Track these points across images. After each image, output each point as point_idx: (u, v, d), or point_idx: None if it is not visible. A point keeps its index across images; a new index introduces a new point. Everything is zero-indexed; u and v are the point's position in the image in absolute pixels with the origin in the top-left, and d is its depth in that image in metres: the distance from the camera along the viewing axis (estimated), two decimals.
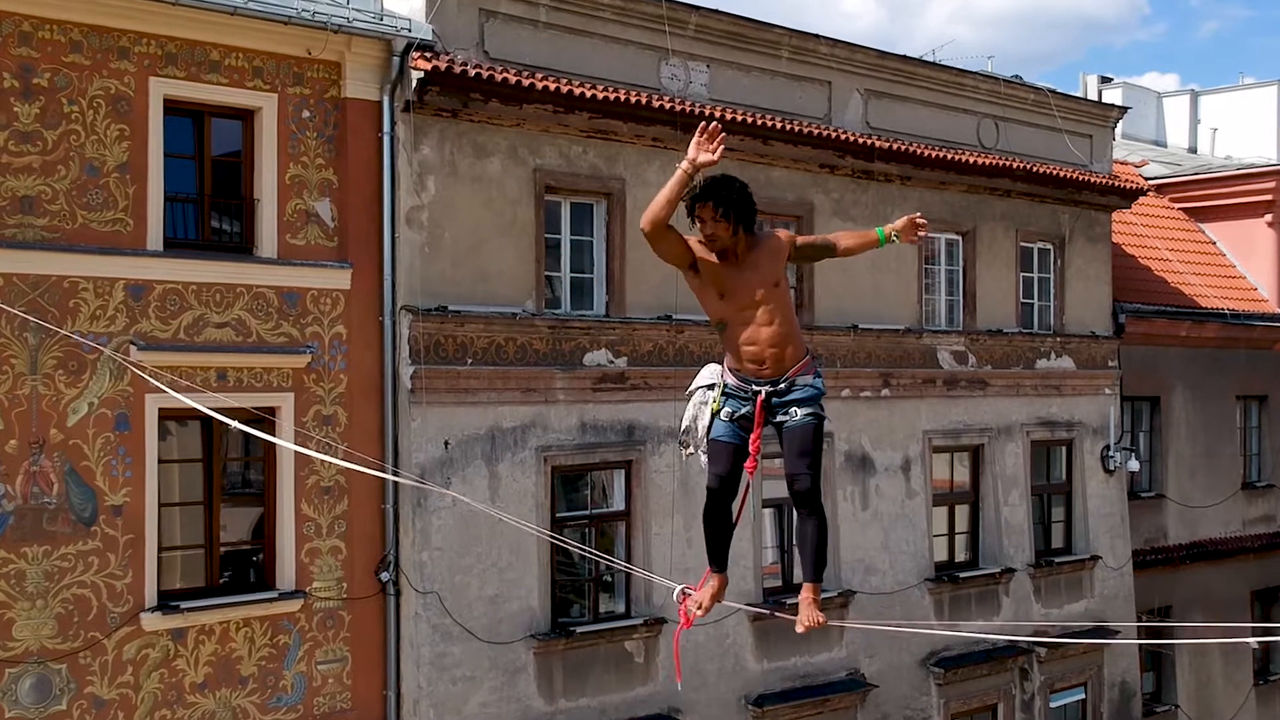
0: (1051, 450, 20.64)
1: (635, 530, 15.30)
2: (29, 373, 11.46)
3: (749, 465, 6.05)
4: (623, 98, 14.63)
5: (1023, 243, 19.98)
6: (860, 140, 17.15)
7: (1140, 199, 22.30)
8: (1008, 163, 19.05)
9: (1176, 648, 22.41)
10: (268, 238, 12.83)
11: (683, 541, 15.16)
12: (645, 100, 14.84)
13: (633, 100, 14.71)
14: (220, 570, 12.79)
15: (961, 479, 19.40)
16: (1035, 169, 19.38)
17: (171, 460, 12.52)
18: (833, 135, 16.84)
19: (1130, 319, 21.62)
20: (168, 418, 12.33)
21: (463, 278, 13.91)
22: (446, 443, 13.75)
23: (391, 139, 13.38)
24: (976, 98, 19.10)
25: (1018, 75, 20.40)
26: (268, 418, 12.14)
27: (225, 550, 12.86)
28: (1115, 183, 20.94)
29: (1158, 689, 22.72)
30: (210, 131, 12.72)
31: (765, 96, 16.44)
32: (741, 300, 5.89)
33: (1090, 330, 21.00)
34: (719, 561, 6.29)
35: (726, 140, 5.66)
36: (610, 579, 15.42)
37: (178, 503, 12.57)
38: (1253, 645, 22.02)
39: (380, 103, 13.32)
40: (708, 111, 15.29)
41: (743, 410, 6.03)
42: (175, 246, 12.35)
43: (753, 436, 6.02)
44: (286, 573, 12.89)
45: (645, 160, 15.25)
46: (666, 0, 15.16)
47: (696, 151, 5.57)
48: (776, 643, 16.34)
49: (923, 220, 6.06)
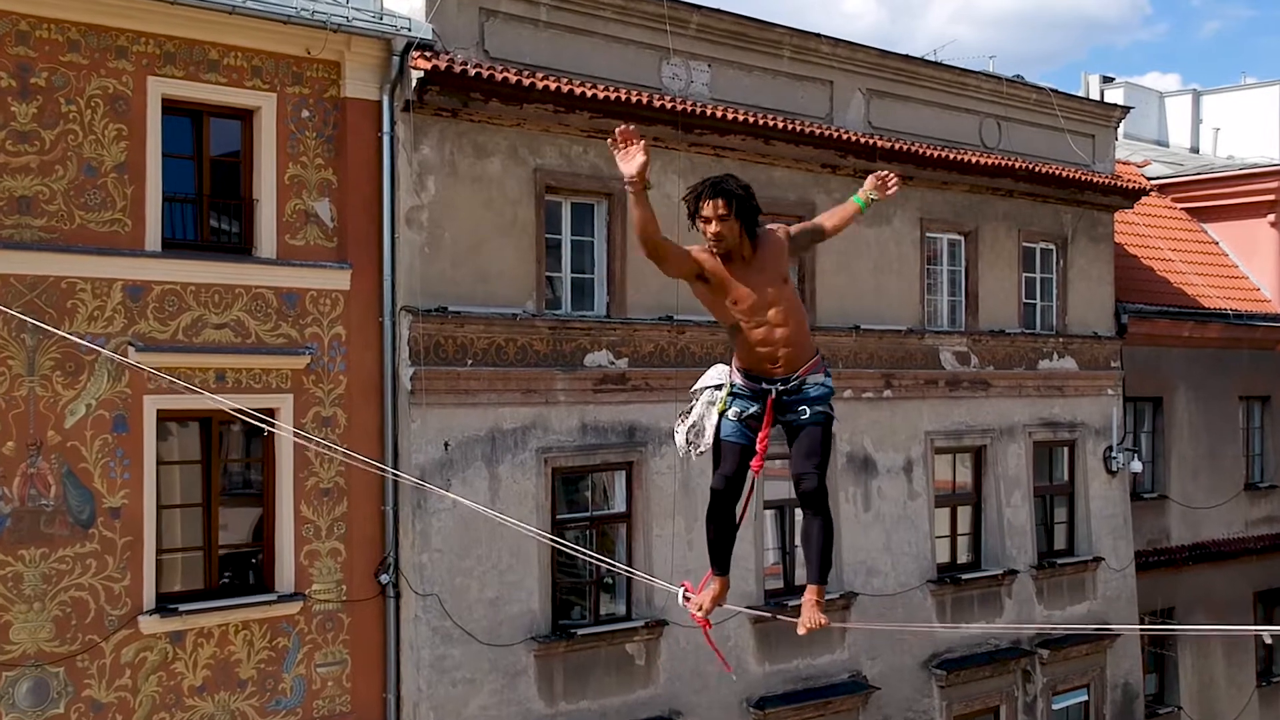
0: (1054, 451, 20.58)
1: (636, 532, 15.25)
2: (26, 374, 11.40)
3: (755, 465, 5.99)
4: (624, 97, 14.57)
5: (1025, 243, 19.94)
6: (862, 140, 17.09)
7: (1142, 199, 22.27)
8: (1010, 163, 19.00)
9: (1179, 649, 22.38)
10: (267, 238, 12.77)
11: (684, 543, 15.10)
12: (646, 100, 14.78)
13: (634, 100, 14.64)
14: (219, 572, 12.73)
15: (964, 480, 19.35)
16: (1037, 169, 19.33)
17: (170, 462, 12.46)
18: (834, 135, 16.79)
19: (1133, 319, 21.58)
20: (166, 419, 12.29)
21: (463, 278, 13.85)
22: (446, 444, 13.69)
23: (391, 139, 13.33)
24: (978, 97, 19.05)
25: (1019, 75, 20.37)
26: (267, 419, 12.07)
27: (224, 552, 12.81)
28: (1117, 183, 20.90)
29: (1160, 690, 22.68)
30: (209, 131, 12.66)
31: (767, 96, 16.38)
32: (754, 302, 5.80)
33: (1093, 331, 20.95)
34: (721, 564, 6.22)
35: (728, 140, 5.57)
36: (611, 581, 15.36)
37: (176, 504, 12.50)
38: (1266, 640, 21.93)
39: (380, 102, 13.26)
40: (709, 111, 15.28)
41: (751, 410, 5.98)
42: (174, 247, 12.30)
43: (761, 435, 5.97)
44: (286, 575, 12.83)
45: None
46: (668, 0, 15.12)
47: (623, 165, 5.36)
48: (778, 645, 16.28)
49: (888, 175, 6.20)
